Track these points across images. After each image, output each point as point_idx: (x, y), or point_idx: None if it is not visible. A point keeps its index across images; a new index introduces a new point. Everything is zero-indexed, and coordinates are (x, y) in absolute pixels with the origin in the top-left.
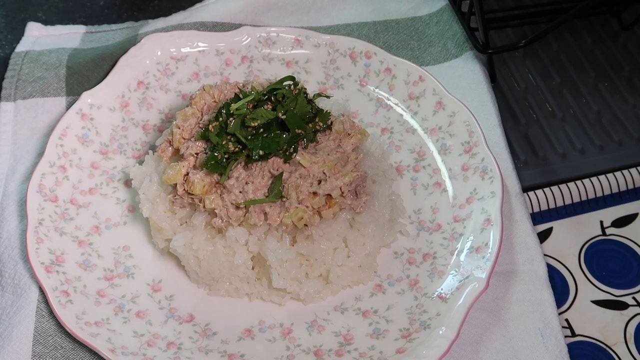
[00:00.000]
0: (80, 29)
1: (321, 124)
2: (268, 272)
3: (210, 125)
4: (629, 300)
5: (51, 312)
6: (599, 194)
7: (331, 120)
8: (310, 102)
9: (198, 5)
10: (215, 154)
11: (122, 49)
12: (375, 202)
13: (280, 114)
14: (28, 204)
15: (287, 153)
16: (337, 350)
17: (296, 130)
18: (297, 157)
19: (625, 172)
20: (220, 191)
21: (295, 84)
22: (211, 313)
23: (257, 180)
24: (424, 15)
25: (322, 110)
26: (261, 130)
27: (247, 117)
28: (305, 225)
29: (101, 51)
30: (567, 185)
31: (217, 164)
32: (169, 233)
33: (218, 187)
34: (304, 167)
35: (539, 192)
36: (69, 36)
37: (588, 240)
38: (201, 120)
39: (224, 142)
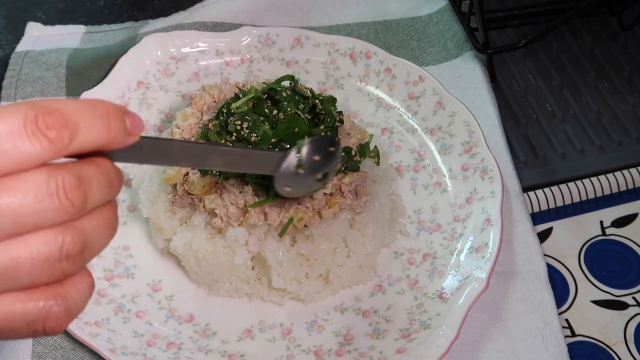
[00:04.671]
0: (80, 29)
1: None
2: (268, 272)
3: (210, 124)
4: (629, 300)
5: None
6: (599, 194)
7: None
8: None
9: (198, 5)
10: None
11: (122, 49)
12: (375, 202)
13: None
14: None
15: None
16: (337, 350)
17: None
18: None
19: (625, 172)
20: (220, 191)
21: (295, 82)
22: (211, 313)
23: None
24: (424, 15)
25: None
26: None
27: (244, 128)
28: (305, 225)
29: (101, 51)
30: (567, 185)
31: None
32: (168, 233)
33: (218, 187)
34: None
35: (539, 192)
36: (69, 36)
37: (588, 240)
38: (201, 120)
39: (223, 142)
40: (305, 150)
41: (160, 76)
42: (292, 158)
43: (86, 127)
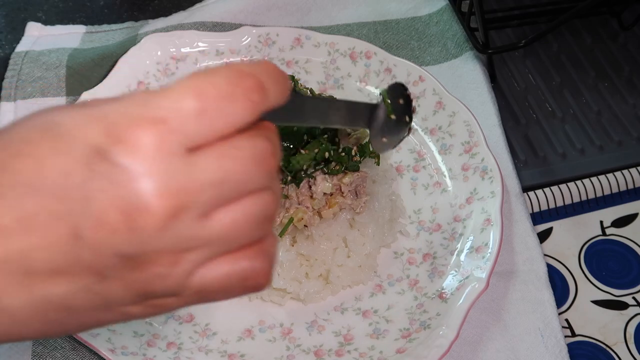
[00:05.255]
0: (80, 29)
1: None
2: None
3: None
4: (629, 300)
5: None
6: (599, 194)
7: None
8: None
9: (198, 5)
10: None
11: (122, 49)
12: (375, 202)
13: None
14: None
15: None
16: (337, 350)
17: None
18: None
19: (625, 172)
20: None
21: (295, 82)
22: (211, 313)
23: None
24: (424, 15)
25: None
26: None
27: None
28: (305, 225)
29: (101, 51)
30: (567, 185)
31: None
32: None
33: None
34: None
35: (539, 192)
36: (69, 36)
37: (588, 240)
38: None
39: None
40: (390, 96)
41: (160, 76)
42: (382, 107)
43: (271, 89)
